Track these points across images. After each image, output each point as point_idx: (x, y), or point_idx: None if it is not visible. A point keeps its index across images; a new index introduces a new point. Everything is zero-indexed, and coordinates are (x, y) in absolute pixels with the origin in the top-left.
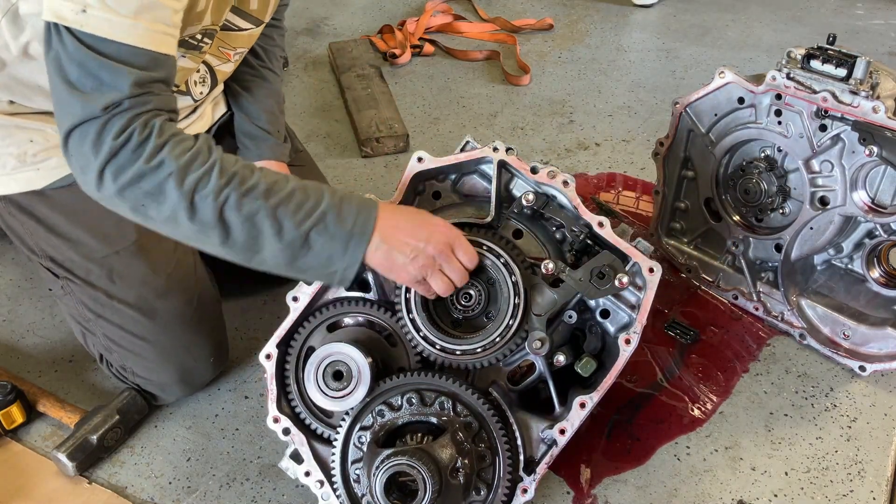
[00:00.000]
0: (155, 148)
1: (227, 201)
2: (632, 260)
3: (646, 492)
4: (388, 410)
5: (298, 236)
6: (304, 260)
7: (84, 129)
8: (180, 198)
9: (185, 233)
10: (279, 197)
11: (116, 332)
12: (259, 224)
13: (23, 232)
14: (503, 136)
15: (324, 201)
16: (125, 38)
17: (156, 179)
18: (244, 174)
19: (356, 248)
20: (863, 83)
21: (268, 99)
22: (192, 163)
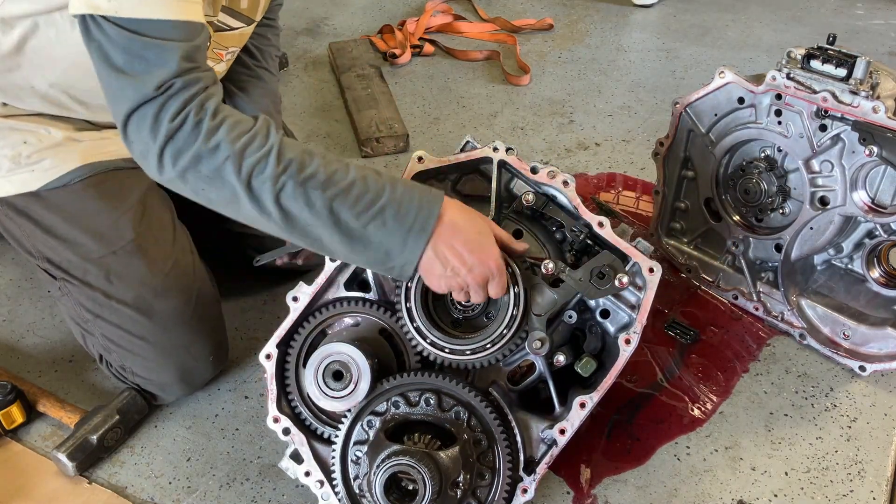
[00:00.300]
0: (210, 129)
1: (284, 189)
2: (632, 260)
3: (646, 492)
4: (405, 404)
5: (356, 229)
6: (363, 252)
7: (141, 112)
8: (238, 182)
9: (248, 215)
10: (338, 188)
11: (115, 332)
12: (317, 214)
13: (20, 234)
14: (503, 136)
15: (384, 194)
16: (161, 13)
17: (213, 163)
18: (303, 160)
19: (414, 245)
20: (863, 83)
21: (264, 99)
22: (249, 146)
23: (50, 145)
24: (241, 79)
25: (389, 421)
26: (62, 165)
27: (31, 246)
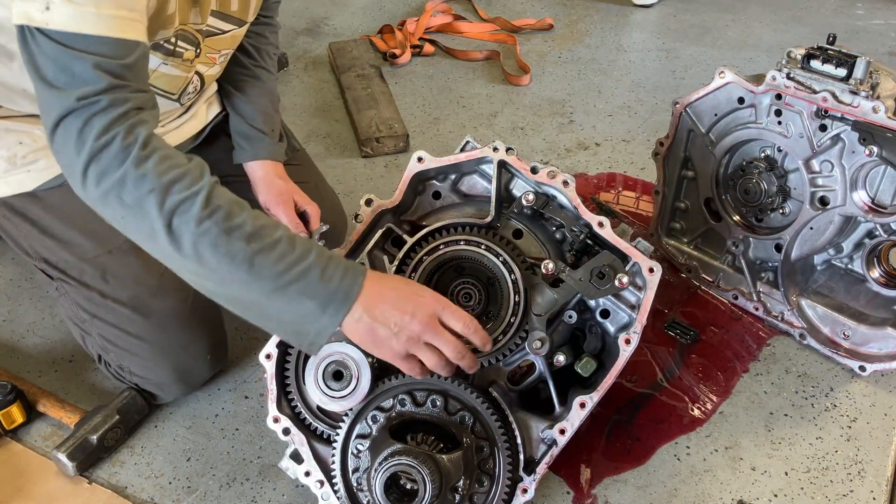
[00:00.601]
0: (139, 157)
1: (207, 233)
2: (632, 260)
3: (646, 492)
4: (411, 403)
5: (275, 288)
6: (277, 313)
7: (66, 124)
8: (159, 217)
9: (163, 253)
10: (263, 243)
11: (112, 331)
12: (236, 266)
13: (17, 234)
14: (503, 136)
15: (310, 256)
16: (91, 28)
17: (137, 192)
18: (231, 210)
19: (336, 312)
20: (863, 83)
21: (262, 98)
22: (176, 183)
23: (45, 145)
24: (238, 79)
25: (394, 418)
26: (57, 166)
27: (28, 246)
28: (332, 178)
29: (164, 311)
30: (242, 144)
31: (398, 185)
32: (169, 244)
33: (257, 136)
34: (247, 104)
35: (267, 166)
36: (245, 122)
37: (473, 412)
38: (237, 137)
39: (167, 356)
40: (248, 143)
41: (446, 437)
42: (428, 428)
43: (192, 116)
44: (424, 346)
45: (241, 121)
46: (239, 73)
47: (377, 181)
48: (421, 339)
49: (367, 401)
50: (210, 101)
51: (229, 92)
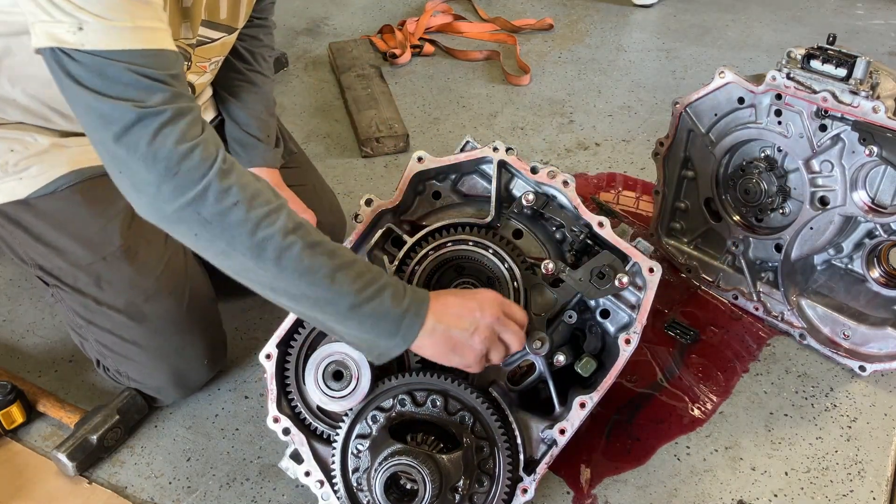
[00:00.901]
0: (220, 172)
1: (292, 246)
2: (632, 260)
3: (646, 492)
4: (411, 403)
5: (354, 304)
6: (351, 329)
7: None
8: (242, 230)
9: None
10: (343, 259)
11: (108, 337)
12: (317, 282)
13: (11, 241)
14: (503, 136)
15: (383, 277)
16: (131, 43)
17: (220, 205)
18: (310, 228)
19: (409, 328)
20: (863, 83)
21: (257, 104)
22: (258, 196)
23: (37, 152)
24: (232, 84)
25: (395, 418)
26: (49, 172)
27: (23, 253)
28: (332, 178)
29: (159, 317)
30: (238, 151)
31: (398, 185)
32: (251, 257)
33: (252, 143)
34: (241, 110)
35: (262, 174)
36: (240, 128)
37: (473, 412)
38: (232, 143)
39: (164, 361)
40: (244, 150)
41: (446, 437)
42: (428, 428)
43: None
44: (497, 341)
45: (236, 127)
46: (233, 78)
47: (377, 181)
48: (495, 332)
49: (367, 401)
50: (205, 106)
51: (224, 98)
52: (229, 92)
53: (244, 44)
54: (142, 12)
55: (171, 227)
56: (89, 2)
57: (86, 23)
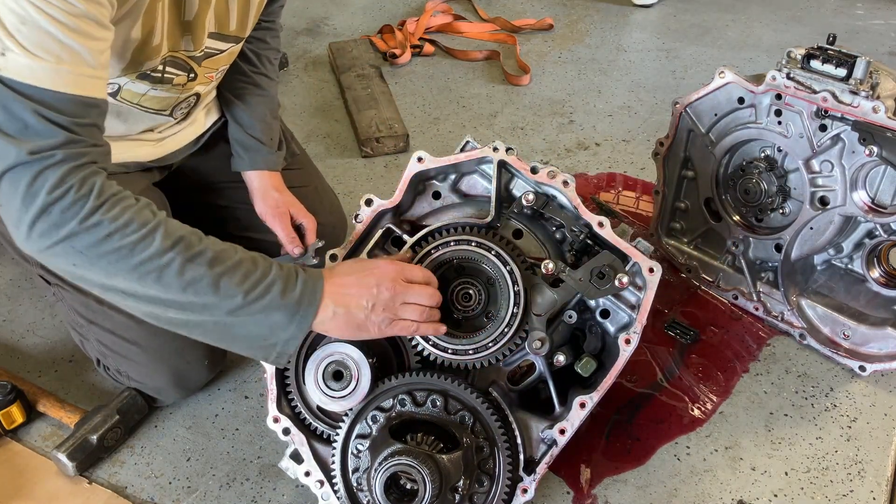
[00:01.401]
0: (91, 209)
1: (170, 265)
2: (632, 260)
3: (646, 492)
4: (411, 403)
5: (241, 305)
6: (244, 331)
7: (14, 175)
8: (118, 258)
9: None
10: (225, 265)
11: (109, 337)
12: (201, 292)
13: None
14: (503, 136)
15: (271, 272)
16: (49, 83)
17: (89, 239)
18: (191, 240)
19: (304, 317)
20: (863, 83)
21: (261, 106)
22: (132, 222)
23: None
24: (237, 86)
25: (394, 418)
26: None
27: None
28: (332, 178)
29: None
30: (240, 153)
31: (398, 185)
32: (132, 280)
33: (255, 146)
34: (245, 112)
35: (264, 177)
36: (243, 130)
37: (473, 412)
38: (235, 145)
39: (164, 361)
40: (246, 153)
41: (446, 437)
42: (428, 428)
43: (190, 123)
44: (402, 306)
45: (239, 129)
46: (238, 80)
47: (377, 181)
48: (395, 302)
49: (367, 401)
50: (209, 107)
51: (228, 100)
52: (234, 94)
53: (250, 46)
54: (70, 57)
55: (48, 261)
56: (21, 32)
57: (9, 50)
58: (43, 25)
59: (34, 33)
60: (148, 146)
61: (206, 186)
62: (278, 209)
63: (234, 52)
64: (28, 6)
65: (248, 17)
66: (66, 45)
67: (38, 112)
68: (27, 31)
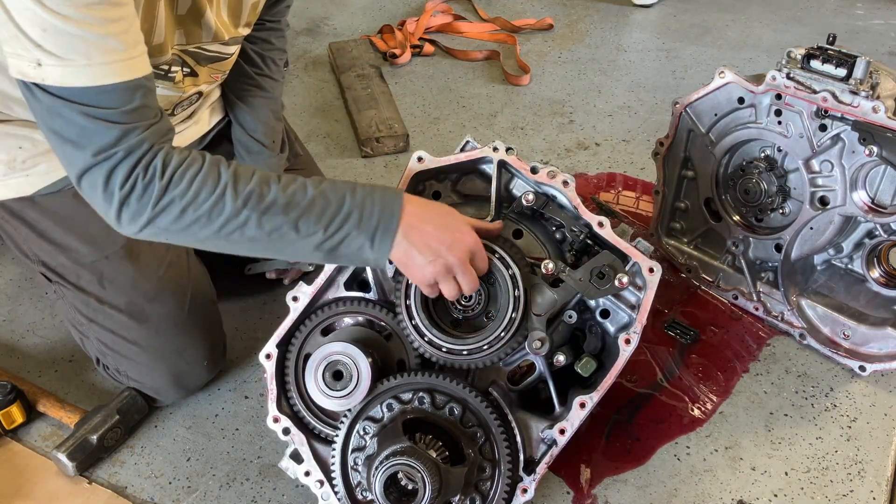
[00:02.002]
0: (160, 190)
1: (248, 223)
2: (632, 260)
3: (646, 492)
4: (430, 403)
5: (325, 240)
6: (336, 256)
7: (90, 179)
8: (199, 228)
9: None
10: (300, 208)
11: (109, 336)
12: (284, 237)
13: (16, 237)
14: (503, 136)
15: (346, 203)
16: (88, 81)
17: (169, 217)
18: (261, 190)
19: (381, 244)
20: (863, 83)
21: (264, 109)
22: (201, 192)
23: (44, 150)
24: (241, 88)
25: (410, 412)
26: (57, 171)
27: (27, 249)
28: (332, 177)
29: (161, 317)
30: (243, 155)
31: (398, 186)
32: (221, 241)
33: (257, 149)
34: (248, 114)
35: None
36: (246, 132)
37: (485, 428)
38: (238, 147)
39: (164, 361)
40: (249, 155)
41: (452, 446)
42: (437, 432)
43: (194, 122)
44: (451, 278)
45: (242, 132)
46: (242, 82)
47: (377, 181)
48: (451, 271)
49: (367, 401)
50: (213, 107)
51: (232, 101)
52: (237, 95)
53: (255, 47)
54: (97, 50)
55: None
56: (47, 40)
57: (43, 60)
58: (62, 28)
59: (58, 38)
60: None
61: None
62: None
63: (237, 54)
64: (44, 13)
65: (240, 16)
66: (88, 40)
67: (86, 113)
68: (51, 38)
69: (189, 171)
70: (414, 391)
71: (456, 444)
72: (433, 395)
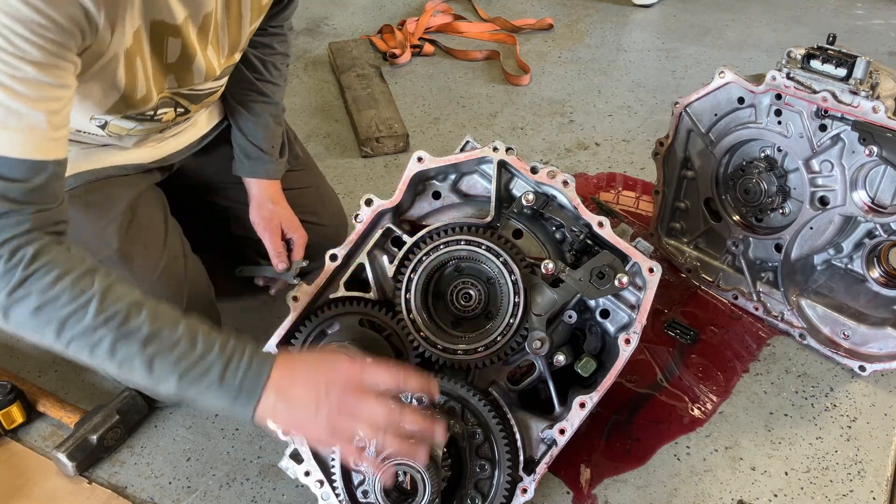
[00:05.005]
0: (20, 279)
1: (100, 344)
2: (632, 260)
3: (646, 492)
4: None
5: (178, 388)
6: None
7: None
8: (50, 332)
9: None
10: (161, 344)
11: None
12: (135, 371)
13: None
14: (503, 136)
15: (211, 353)
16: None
17: (22, 312)
18: (128, 313)
19: (245, 405)
20: (863, 83)
21: (264, 115)
22: (62, 295)
23: None
24: (241, 93)
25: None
26: None
27: None
28: (332, 178)
29: None
30: (242, 159)
31: (398, 185)
32: (73, 352)
33: (257, 155)
34: (249, 120)
35: (262, 186)
36: (245, 138)
37: (463, 402)
38: (237, 151)
39: None
40: (248, 160)
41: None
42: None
43: (191, 125)
44: (351, 418)
45: (241, 137)
46: (243, 88)
47: (377, 181)
48: (342, 410)
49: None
50: (211, 110)
51: (232, 106)
52: (238, 100)
53: (256, 51)
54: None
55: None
56: None
57: None
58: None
59: None
60: (147, 149)
61: (208, 186)
62: (271, 222)
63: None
64: None
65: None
66: (10, 109)
67: None
68: None
69: (58, 269)
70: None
71: (456, 444)
72: (457, 411)
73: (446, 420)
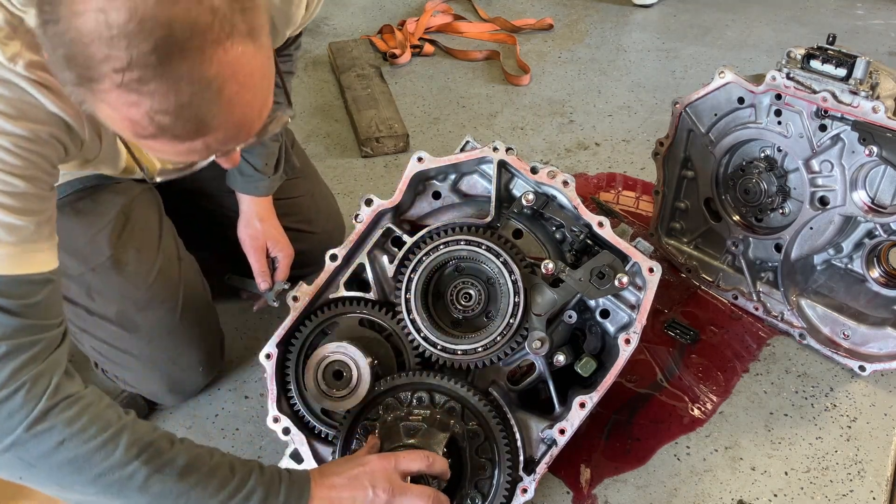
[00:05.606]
0: (42, 410)
1: (133, 478)
2: (632, 260)
3: (646, 492)
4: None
5: None
6: None
7: None
8: (73, 469)
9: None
10: (198, 475)
11: (102, 346)
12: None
13: None
14: (503, 136)
15: (251, 479)
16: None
17: (41, 448)
18: (160, 446)
19: None
20: (863, 83)
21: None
22: (91, 426)
23: None
24: None
25: (387, 422)
26: None
27: None
28: (332, 178)
29: (152, 326)
30: (235, 174)
31: (398, 185)
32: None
33: (250, 172)
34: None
35: (253, 202)
36: (242, 157)
37: (462, 402)
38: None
39: (157, 369)
40: (241, 176)
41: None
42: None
43: None
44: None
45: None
46: None
47: (377, 181)
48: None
49: (368, 401)
50: None
51: None
52: None
53: None
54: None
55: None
56: None
57: None
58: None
59: None
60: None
61: (204, 192)
62: (256, 241)
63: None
64: None
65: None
66: (5, 224)
67: None
68: None
69: (84, 401)
70: (413, 391)
71: (456, 444)
72: (432, 394)
73: (446, 420)
